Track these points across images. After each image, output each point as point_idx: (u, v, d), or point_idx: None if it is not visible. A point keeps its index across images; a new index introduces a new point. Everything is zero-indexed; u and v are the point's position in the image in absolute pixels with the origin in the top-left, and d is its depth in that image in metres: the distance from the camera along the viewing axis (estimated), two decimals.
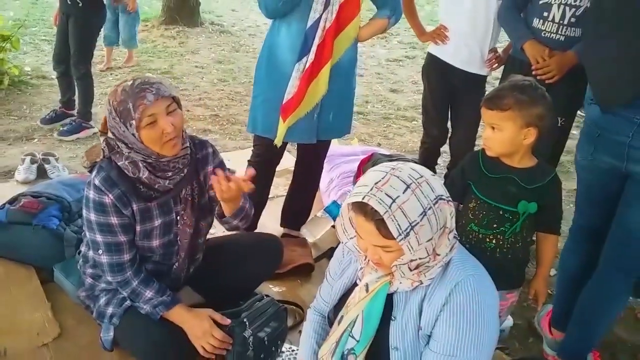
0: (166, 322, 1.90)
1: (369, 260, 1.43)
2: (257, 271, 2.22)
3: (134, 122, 1.71)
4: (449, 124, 3.06)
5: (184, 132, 1.89)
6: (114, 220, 1.82)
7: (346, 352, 1.44)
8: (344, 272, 1.57)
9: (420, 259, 1.32)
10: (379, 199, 1.25)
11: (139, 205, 1.84)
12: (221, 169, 1.84)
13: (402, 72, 6.39)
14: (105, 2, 3.96)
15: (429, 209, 1.28)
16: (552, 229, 1.83)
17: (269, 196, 2.72)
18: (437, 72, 2.91)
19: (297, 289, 2.46)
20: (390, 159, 2.91)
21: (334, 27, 2.26)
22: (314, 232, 2.85)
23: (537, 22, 2.45)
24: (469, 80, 2.81)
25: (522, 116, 1.66)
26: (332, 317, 1.58)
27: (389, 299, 1.42)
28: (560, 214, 1.83)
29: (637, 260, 1.90)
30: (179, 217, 1.95)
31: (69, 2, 3.74)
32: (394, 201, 1.25)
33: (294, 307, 2.29)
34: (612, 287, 1.95)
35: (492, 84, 2.59)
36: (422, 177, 1.31)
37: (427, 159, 3.09)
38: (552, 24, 2.41)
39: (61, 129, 3.96)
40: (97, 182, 1.80)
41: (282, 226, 2.85)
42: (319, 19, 2.23)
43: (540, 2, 2.42)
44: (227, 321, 1.90)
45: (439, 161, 3.31)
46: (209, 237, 2.16)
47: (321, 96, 2.35)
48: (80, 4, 3.72)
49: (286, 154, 2.65)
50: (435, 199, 1.29)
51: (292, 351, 2.04)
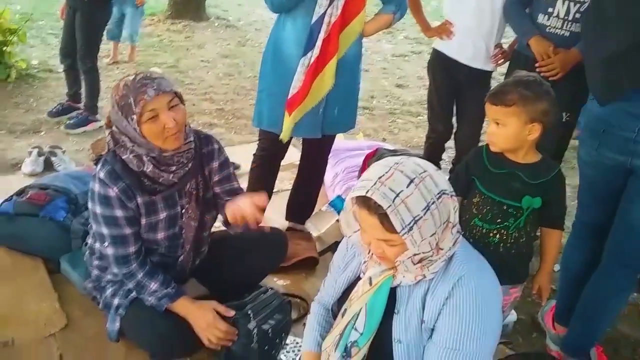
0: (172, 313, 1.91)
1: (372, 254, 1.43)
2: (262, 264, 2.23)
3: (134, 116, 1.72)
4: (454, 119, 3.06)
5: (188, 127, 1.89)
6: (119, 213, 1.83)
7: (349, 345, 1.44)
8: (348, 266, 1.57)
9: (423, 253, 1.33)
10: (383, 193, 1.26)
11: (144, 198, 1.85)
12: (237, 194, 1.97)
13: (408, 67, 6.38)
14: None
15: (433, 204, 1.28)
16: (556, 225, 1.83)
17: (274, 190, 2.73)
18: (442, 68, 2.91)
19: (302, 282, 2.47)
20: (395, 154, 2.91)
21: (339, 22, 2.26)
22: (318, 226, 2.86)
23: (542, 18, 2.44)
24: (474, 75, 2.80)
25: (526, 112, 1.65)
26: (335, 309, 1.59)
27: (392, 293, 1.42)
28: (564, 210, 1.82)
29: None
30: (183, 211, 1.96)
31: None
32: (397, 195, 1.26)
33: (298, 300, 2.31)
34: (615, 283, 1.95)
35: (498, 79, 2.58)
36: (425, 171, 1.31)
37: (432, 154, 3.10)
38: (556, 19, 2.40)
39: (68, 122, 3.98)
40: (101, 175, 1.81)
41: (287, 220, 2.86)
42: (324, 13, 2.23)
43: None
44: (231, 313, 1.91)
45: (444, 156, 3.31)
46: (213, 230, 2.18)
47: (327, 91, 2.36)
48: None
49: (291, 148, 2.65)
50: (438, 194, 1.30)
51: (297, 344, 2.05)
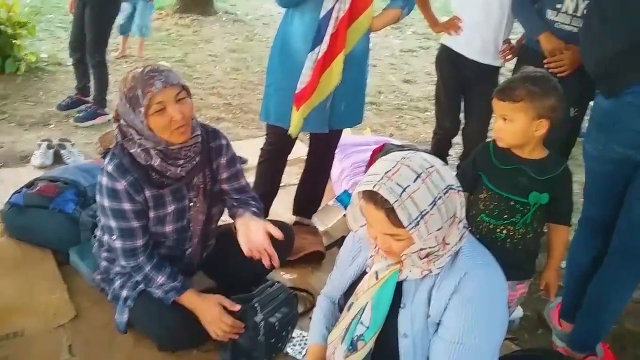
0: (179, 306, 1.93)
1: (378, 248, 1.43)
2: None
3: (142, 108, 1.73)
4: (462, 115, 3.06)
5: (195, 121, 1.90)
6: (127, 206, 1.84)
7: (355, 338, 1.45)
8: (354, 260, 1.58)
9: (429, 247, 1.33)
10: (390, 188, 1.26)
11: (152, 192, 1.86)
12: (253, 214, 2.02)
13: (416, 62, 6.36)
14: None
15: (439, 199, 1.28)
16: (563, 221, 1.83)
17: (281, 184, 2.74)
18: (450, 63, 2.90)
19: (308, 277, 2.48)
20: (402, 149, 2.91)
21: (347, 17, 2.26)
22: (325, 220, 2.87)
23: (550, 14, 2.43)
24: (482, 71, 2.80)
25: (534, 107, 1.65)
26: (342, 303, 1.60)
27: (399, 287, 1.42)
28: (571, 206, 1.82)
29: None
30: (191, 204, 1.97)
31: None
32: (404, 190, 1.26)
33: (305, 294, 2.32)
34: (620, 279, 1.95)
35: (506, 75, 2.57)
36: (432, 166, 1.31)
37: (439, 149, 3.09)
38: (565, 15, 2.39)
39: (77, 115, 3.99)
40: (109, 168, 1.82)
41: (293, 214, 2.86)
42: (332, 8, 2.23)
43: None
44: (236, 307, 1.92)
45: (451, 152, 3.31)
46: (221, 223, 2.19)
47: (334, 86, 2.36)
48: None
49: (298, 143, 2.66)
50: (445, 189, 1.30)
51: (303, 337, 2.06)
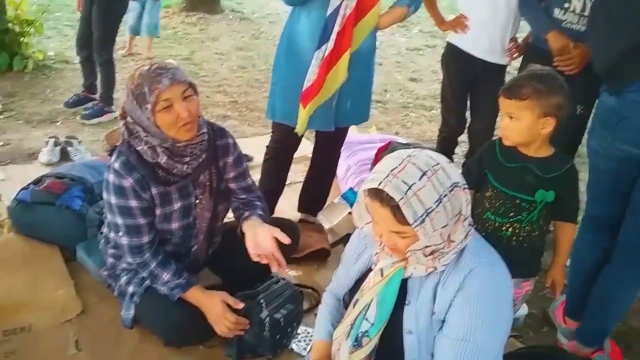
0: (185, 302, 1.94)
1: (384, 245, 1.43)
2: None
3: (149, 105, 1.74)
4: (468, 113, 3.05)
5: (201, 118, 1.91)
6: (133, 203, 1.85)
7: (360, 335, 1.45)
8: (360, 257, 1.58)
9: (435, 245, 1.33)
10: (395, 186, 1.26)
11: (158, 189, 1.87)
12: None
13: (422, 61, 6.35)
14: None
15: (445, 196, 1.28)
16: (569, 218, 1.83)
17: (287, 182, 2.75)
18: (456, 61, 2.90)
19: (313, 274, 2.48)
20: (407, 147, 2.91)
21: (353, 15, 2.27)
22: (330, 218, 2.87)
23: (558, 12, 2.43)
24: (488, 69, 2.79)
25: (540, 106, 1.65)
26: (347, 300, 1.60)
27: (404, 284, 1.42)
28: (577, 203, 1.82)
29: None
30: (197, 201, 1.98)
31: None
32: (409, 188, 1.26)
33: (310, 291, 2.32)
34: (625, 277, 1.95)
35: (512, 74, 2.56)
36: (438, 164, 1.31)
37: (445, 148, 3.09)
38: (573, 14, 2.39)
39: (83, 112, 4.01)
40: (116, 166, 1.83)
41: (299, 212, 2.87)
42: (339, 6, 2.23)
43: None
44: (240, 305, 1.92)
45: (457, 151, 3.31)
46: (226, 220, 2.19)
47: (340, 84, 2.36)
48: None
49: (304, 140, 2.66)
50: (451, 186, 1.30)
51: (308, 333, 2.07)
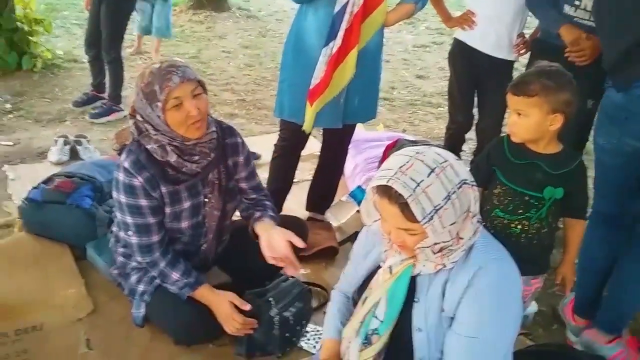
0: (195, 301, 1.95)
1: (392, 243, 1.43)
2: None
3: (159, 103, 1.74)
4: (475, 110, 3.04)
5: (210, 117, 1.91)
6: (143, 202, 1.86)
7: (370, 333, 1.45)
8: (368, 255, 1.58)
9: (443, 242, 1.33)
10: (404, 183, 1.26)
11: (168, 188, 1.88)
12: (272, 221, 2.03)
13: (429, 58, 6.33)
14: None
15: (453, 193, 1.28)
16: (578, 215, 1.82)
17: (295, 180, 2.75)
18: (463, 58, 2.89)
19: (322, 272, 2.49)
20: (415, 145, 2.91)
21: (361, 12, 2.26)
22: (338, 216, 2.87)
23: (568, 9, 2.41)
24: (496, 65, 2.78)
25: (548, 102, 1.64)
26: (356, 298, 1.60)
27: (412, 282, 1.42)
28: (586, 200, 1.82)
29: None
30: (206, 200, 1.99)
31: None
32: (418, 185, 1.26)
33: (318, 289, 2.32)
34: (635, 273, 1.94)
35: (520, 70, 2.55)
36: (446, 161, 1.31)
37: (452, 145, 3.08)
38: (584, 11, 2.37)
39: (92, 111, 4.02)
40: (126, 165, 1.84)
41: (307, 210, 2.88)
42: (347, 3, 2.23)
43: None
44: (247, 307, 1.92)
45: (465, 148, 3.30)
46: (234, 218, 2.20)
47: (348, 81, 2.36)
48: None
49: (311, 138, 2.66)
50: (459, 183, 1.30)
51: (317, 331, 2.08)
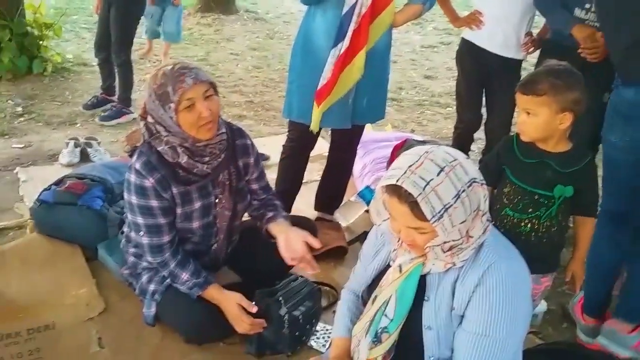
0: (205, 300, 1.96)
1: (402, 242, 1.44)
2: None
3: (172, 105, 1.76)
4: (483, 110, 3.04)
5: (220, 118, 1.92)
6: (154, 203, 1.87)
7: (380, 331, 1.45)
8: (378, 254, 1.58)
9: (453, 240, 1.33)
10: (413, 182, 1.27)
11: (178, 188, 1.90)
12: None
13: (437, 58, 6.33)
14: None
15: (463, 192, 1.29)
16: (588, 213, 1.82)
17: (303, 181, 2.76)
18: (471, 57, 2.89)
19: (331, 272, 2.49)
20: (424, 145, 2.91)
21: (369, 13, 2.27)
22: (347, 216, 2.88)
23: (578, 12, 2.41)
24: (504, 64, 2.78)
25: (557, 101, 1.64)
26: (365, 297, 1.61)
27: (422, 280, 1.43)
28: (596, 197, 1.81)
29: None
30: (217, 200, 2.00)
31: None
32: (427, 184, 1.26)
33: (328, 289, 2.33)
34: None
35: (529, 70, 2.55)
36: (455, 160, 1.31)
37: (461, 144, 3.08)
38: (594, 14, 2.36)
39: (102, 114, 4.05)
40: (137, 166, 1.86)
41: (315, 210, 2.88)
42: (355, 5, 2.24)
43: None
44: (254, 309, 1.92)
45: (473, 147, 3.30)
46: (244, 219, 2.21)
47: (355, 81, 2.37)
48: None
49: (320, 139, 2.67)
50: (469, 182, 1.30)
51: (326, 330, 2.08)
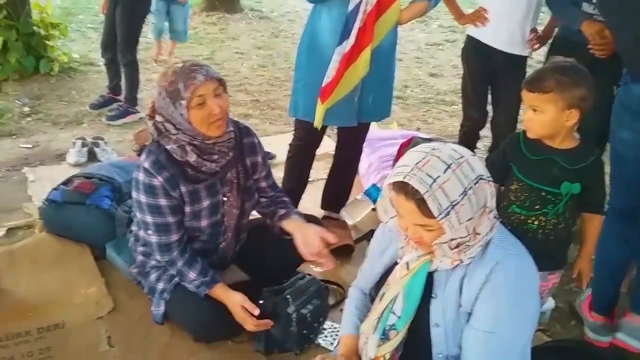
0: (214, 298, 1.97)
1: (409, 239, 1.44)
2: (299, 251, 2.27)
3: (183, 102, 1.77)
4: (489, 107, 3.04)
5: (228, 117, 1.93)
6: (163, 202, 1.88)
7: (387, 328, 1.46)
8: (385, 252, 1.59)
9: (460, 238, 1.34)
10: (420, 179, 1.27)
11: (187, 187, 1.90)
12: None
13: (442, 56, 6.31)
14: None
15: (470, 189, 1.29)
16: (596, 210, 1.82)
17: (310, 179, 2.77)
18: (476, 54, 2.89)
19: (338, 270, 2.48)
20: (429, 142, 2.91)
21: (374, 11, 2.27)
22: (353, 214, 2.88)
23: (586, 7, 2.40)
24: (509, 61, 2.78)
25: (563, 98, 1.64)
26: (373, 294, 1.61)
27: (430, 277, 1.43)
28: (604, 194, 1.81)
29: None
30: (225, 199, 2.01)
31: None
32: (434, 181, 1.27)
33: (335, 287, 2.34)
34: None
35: (534, 67, 2.54)
36: (462, 157, 1.32)
37: (467, 142, 3.07)
38: None
39: (108, 113, 4.06)
40: (146, 165, 1.87)
41: (322, 209, 2.89)
42: (360, 2, 2.24)
43: None
44: (256, 312, 1.91)
45: (479, 145, 3.29)
46: (251, 217, 2.21)
47: (359, 79, 2.36)
48: None
49: (326, 138, 2.68)
50: (475, 179, 1.31)
51: (334, 328, 2.09)
